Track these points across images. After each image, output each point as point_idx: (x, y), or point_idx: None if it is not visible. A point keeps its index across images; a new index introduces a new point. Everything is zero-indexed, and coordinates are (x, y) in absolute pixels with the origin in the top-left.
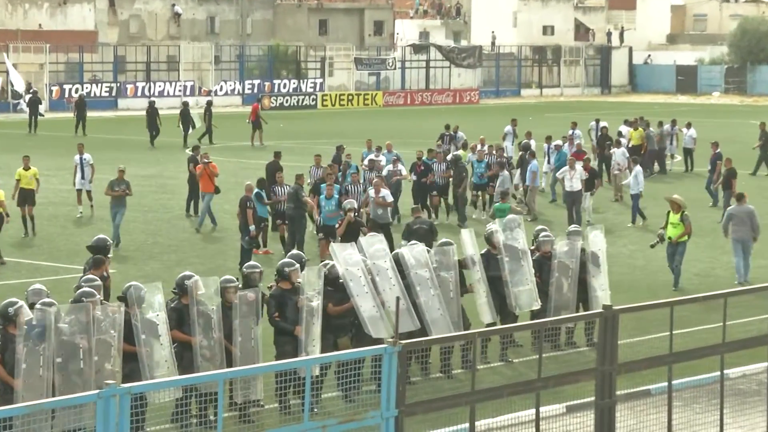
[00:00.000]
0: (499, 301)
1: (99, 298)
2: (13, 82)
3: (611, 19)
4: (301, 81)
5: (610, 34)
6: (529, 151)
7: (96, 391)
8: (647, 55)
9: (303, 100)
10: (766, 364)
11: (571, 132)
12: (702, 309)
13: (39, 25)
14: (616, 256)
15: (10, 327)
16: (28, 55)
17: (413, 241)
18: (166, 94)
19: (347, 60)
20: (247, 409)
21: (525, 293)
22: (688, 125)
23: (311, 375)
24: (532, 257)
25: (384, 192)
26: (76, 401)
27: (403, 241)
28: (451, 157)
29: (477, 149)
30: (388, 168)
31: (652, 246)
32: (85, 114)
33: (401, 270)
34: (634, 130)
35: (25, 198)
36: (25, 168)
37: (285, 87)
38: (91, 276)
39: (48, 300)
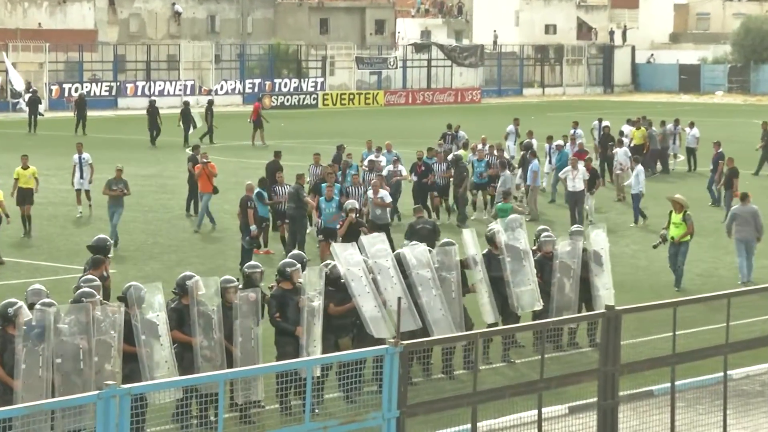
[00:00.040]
0: (501, 301)
1: (99, 299)
2: (12, 81)
3: (614, 17)
4: (302, 80)
5: (612, 33)
6: (530, 151)
7: (96, 391)
8: (650, 54)
9: (304, 100)
10: None
11: (572, 131)
12: (705, 309)
13: (38, 24)
14: (619, 256)
15: (10, 327)
16: (27, 54)
17: (414, 241)
18: (166, 93)
19: (348, 59)
20: (248, 409)
21: (527, 293)
22: (691, 125)
23: (312, 376)
24: (533, 257)
25: (382, 193)
26: (75, 402)
27: (406, 240)
28: (452, 157)
29: (477, 149)
30: (389, 168)
31: (654, 246)
32: (85, 113)
33: (403, 270)
34: (636, 130)
35: (24, 197)
36: (24, 167)
37: (286, 86)
38: (90, 276)
39: (47, 300)
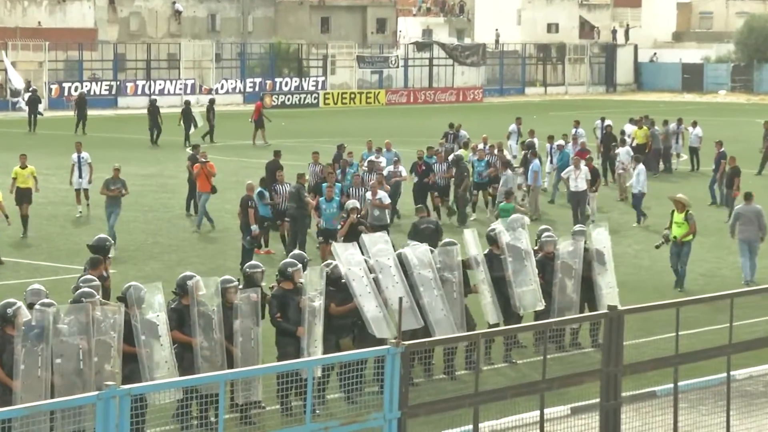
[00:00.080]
0: (503, 301)
1: (98, 299)
2: (11, 80)
3: (616, 16)
4: (302, 79)
5: (615, 32)
6: (531, 150)
7: (96, 392)
8: (653, 53)
9: (305, 99)
10: None
11: (574, 131)
12: (708, 310)
13: (38, 22)
14: (622, 256)
15: (8, 328)
16: (27, 53)
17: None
18: (166, 92)
19: (349, 58)
20: (249, 410)
21: (529, 293)
22: (694, 124)
23: (313, 376)
24: (535, 257)
25: (381, 194)
26: (75, 403)
27: (409, 240)
28: (453, 157)
29: (477, 149)
30: (389, 169)
31: (657, 247)
32: (85, 112)
33: (404, 270)
34: (638, 129)
35: (22, 197)
36: (22, 166)
37: (287, 85)
38: (89, 276)
39: (47, 300)
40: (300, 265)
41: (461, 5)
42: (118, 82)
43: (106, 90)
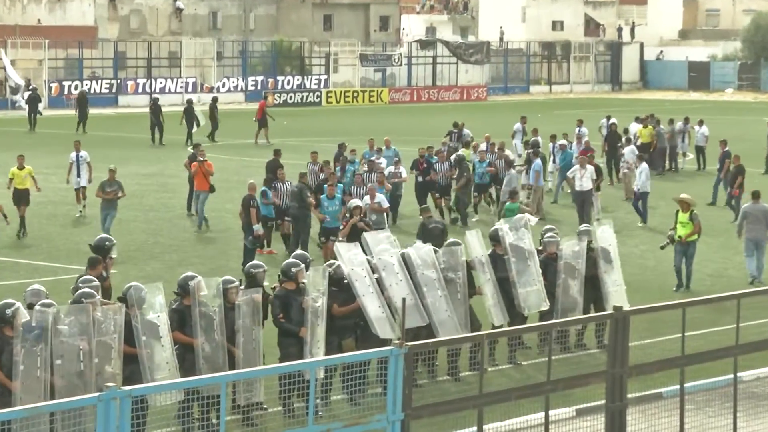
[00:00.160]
0: (507, 302)
1: (98, 299)
2: (10, 77)
3: (622, 14)
4: (305, 77)
5: (620, 30)
6: (534, 150)
7: (96, 393)
8: (659, 51)
9: (307, 97)
10: None
11: (577, 130)
12: (715, 310)
13: (38, 20)
14: (627, 256)
15: (7, 329)
16: (26, 51)
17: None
18: (167, 90)
19: (352, 56)
20: (251, 412)
21: (533, 294)
22: (701, 123)
23: (316, 377)
24: (539, 258)
25: (379, 197)
26: (75, 404)
27: (418, 240)
28: (455, 157)
29: (478, 149)
30: (389, 170)
31: (662, 247)
32: (86, 111)
33: (408, 270)
34: (643, 128)
35: (20, 198)
36: (20, 167)
37: (289, 83)
38: (88, 276)
39: (47, 301)
40: (303, 266)
41: (465, 3)
42: (119, 81)
43: (106, 88)
